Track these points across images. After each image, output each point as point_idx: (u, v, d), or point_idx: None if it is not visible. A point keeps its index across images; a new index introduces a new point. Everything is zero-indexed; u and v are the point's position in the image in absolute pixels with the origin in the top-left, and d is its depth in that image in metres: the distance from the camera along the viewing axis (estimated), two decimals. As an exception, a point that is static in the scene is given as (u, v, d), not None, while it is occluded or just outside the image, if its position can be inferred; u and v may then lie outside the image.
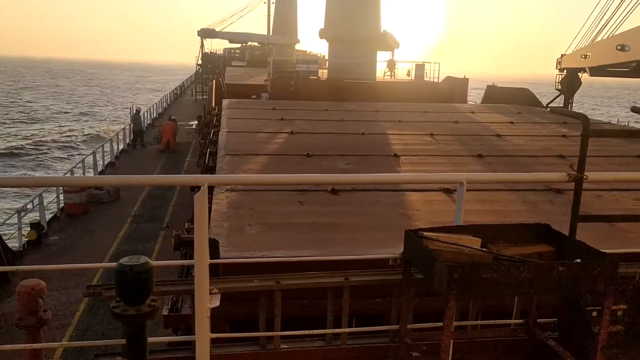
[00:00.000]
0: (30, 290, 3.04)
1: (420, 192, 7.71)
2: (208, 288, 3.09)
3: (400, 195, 7.55)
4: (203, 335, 3.08)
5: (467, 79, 26.01)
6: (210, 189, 8.09)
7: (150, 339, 3.37)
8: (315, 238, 5.79)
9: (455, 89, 25.52)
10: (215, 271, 3.90)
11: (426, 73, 28.30)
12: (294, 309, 3.87)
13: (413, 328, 3.44)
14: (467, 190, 3.42)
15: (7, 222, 16.10)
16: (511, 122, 16.13)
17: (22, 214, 14.86)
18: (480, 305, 3.79)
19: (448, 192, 7.56)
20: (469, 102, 26.35)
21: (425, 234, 3.08)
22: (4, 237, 13.16)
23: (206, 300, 3.08)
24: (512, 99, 22.84)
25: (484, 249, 3.01)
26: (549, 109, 20.54)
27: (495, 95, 24.55)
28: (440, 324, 2.80)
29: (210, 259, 3.11)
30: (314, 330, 3.40)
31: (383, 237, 5.71)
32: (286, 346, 3.51)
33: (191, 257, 5.22)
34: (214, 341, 3.40)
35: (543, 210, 6.78)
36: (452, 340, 3.24)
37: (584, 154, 3.33)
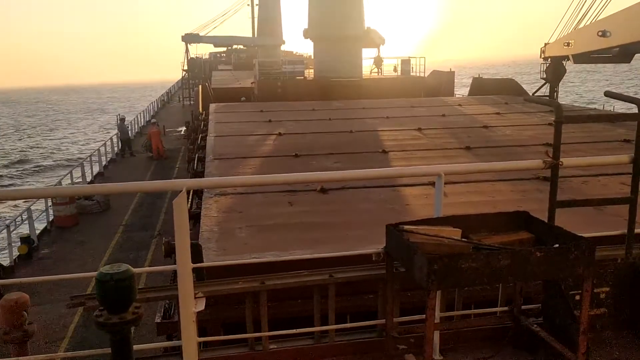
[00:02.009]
0: (13, 304, 3.03)
1: (410, 187, 7.74)
2: (192, 292, 3.09)
3: (389, 191, 7.58)
4: (190, 339, 3.08)
5: (454, 72, 26.11)
6: (200, 193, 8.08)
7: (142, 346, 3.36)
8: (305, 238, 5.80)
9: (442, 82, 25.61)
10: (201, 275, 3.91)
11: (412, 68, 28.37)
12: (281, 309, 3.88)
13: (399, 321, 3.45)
14: (455, 182, 3.44)
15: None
16: (498, 113, 16.22)
17: (12, 228, 14.75)
18: (467, 296, 3.82)
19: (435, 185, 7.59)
20: (456, 95, 26.45)
21: (406, 227, 3.09)
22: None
23: (191, 304, 3.08)
24: (498, 90, 22.96)
25: (464, 239, 3.04)
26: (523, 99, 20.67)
27: (481, 86, 24.67)
28: (424, 316, 2.82)
29: (194, 263, 3.11)
30: (300, 329, 3.41)
31: (370, 234, 5.72)
32: (275, 346, 3.52)
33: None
34: (204, 345, 3.41)
35: (531, 199, 6.82)
36: (438, 332, 3.26)
37: (558, 140, 3.36)
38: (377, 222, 6.37)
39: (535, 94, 24.45)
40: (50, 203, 17.42)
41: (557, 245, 2.90)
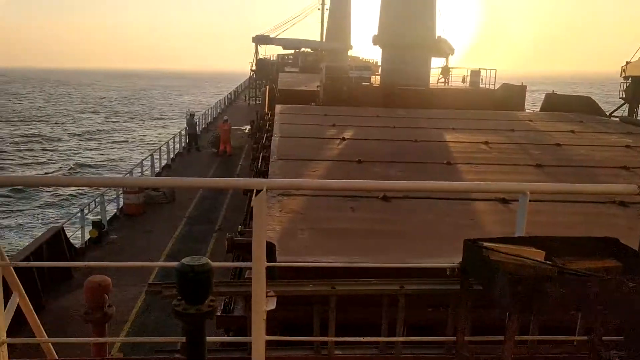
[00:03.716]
0: (97, 286, 3.17)
1: (474, 202, 7.55)
2: (265, 291, 3.13)
3: (453, 204, 7.42)
4: (259, 337, 3.11)
5: (525, 86, 25.29)
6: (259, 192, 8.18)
7: (209, 339, 3.44)
8: (368, 245, 5.77)
9: (513, 96, 24.85)
10: (271, 275, 3.95)
11: (482, 79, 27.71)
12: (347, 316, 3.86)
13: (470, 340, 3.36)
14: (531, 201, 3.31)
15: (70, 220, 16.89)
16: (572, 131, 15.57)
17: (85, 212, 15.54)
18: (541, 320, 3.67)
19: (504, 202, 7.36)
20: (527, 110, 25.61)
21: (485, 244, 3.01)
22: (67, 235, 13.80)
23: (263, 302, 3.11)
24: (572, 107, 22.04)
25: (548, 262, 2.91)
26: (613, 117, 19.65)
27: (555, 103, 23.76)
28: (499, 337, 2.73)
29: (267, 262, 3.14)
30: (368, 338, 3.38)
31: (436, 246, 5.62)
32: (340, 352, 3.51)
33: (244, 260, 5.30)
34: (268, 343, 3.44)
35: (607, 224, 6.50)
36: (512, 356, 3.15)
37: None
38: (441, 235, 6.28)
39: (612, 115, 23.31)
40: (121, 191, 18.23)
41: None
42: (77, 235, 15.20)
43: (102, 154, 49.37)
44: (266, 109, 23.70)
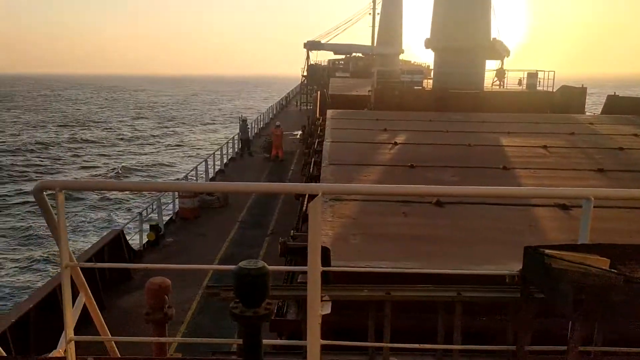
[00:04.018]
0: (157, 287, 3.28)
1: (532, 207, 7.32)
2: (320, 295, 3.14)
3: (509, 210, 7.22)
4: (314, 341, 3.13)
5: (585, 88, 24.33)
6: (312, 197, 8.23)
7: (265, 341, 3.50)
8: (421, 250, 5.70)
9: (573, 99, 23.96)
10: (325, 279, 3.97)
11: (539, 82, 26.87)
12: (403, 322, 3.83)
13: (530, 350, 3.26)
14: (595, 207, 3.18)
15: (129, 224, 17.53)
16: (636, 135, 14.85)
17: (143, 216, 16.11)
18: (607, 330, 3.52)
19: (564, 208, 7.11)
20: (587, 113, 24.66)
21: (547, 251, 2.91)
22: (126, 237, 14.34)
23: (318, 306, 3.13)
24: (636, 109, 21.02)
25: (613, 270, 2.79)
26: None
27: (617, 105, 22.73)
28: (562, 347, 2.64)
29: (322, 267, 3.16)
30: (425, 345, 3.33)
31: (493, 253, 5.49)
32: (395, 358, 3.48)
33: (297, 264, 5.35)
34: (323, 348, 3.45)
35: None
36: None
37: None
38: (497, 242, 6.12)
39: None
40: (177, 195, 18.79)
41: None
42: (135, 238, 15.76)
43: (155, 159, 51.06)
44: (317, 114, 23.85)
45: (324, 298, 3.24)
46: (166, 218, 18.11)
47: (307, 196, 8.26)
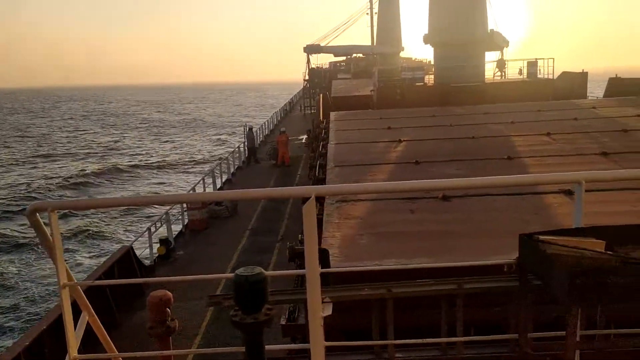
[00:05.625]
0: (158, 301, 3.31)
1: (537, 195, 7.30)
2: (320, 297, 3.16)
3: (516, 200, 7.20)
4: (317, 343, 3.15)
5: (586, 72, 24.19)
6: (322, 200, 8.27)
7: (270, 347, 3.52)
8: (428, 246, 5.70)
9: (574, 84, 23.83)
10: (327, 281, 3.99)
11: (539, 70, 26.75)
12: (406, 318, 3.84)
13: (534, 337, 3.25)
14: (589, 190, 3.18)
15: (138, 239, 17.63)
16: (639, 116, 14.73)
17: (152, 230, 16.18)
18: (610, 314, 3.50)
19: (569, 193, 7.08)
20: (589, 97, 24.50)
21: (542, 237, 2.91)
22: (136, 252, 14.40)
23: (319, 308, 3.15)
24: (639, 91, 20.86)
25: (609, 252, 2.79)
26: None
27: (620, 87, 22.57)
28: (562, 333, 2.64)
29: (321, 268, 3.18)
30: (428, 339, 3.34)
31: (498, 243, 5.47)
32: (401, 355, 3.49)
33: (304, 268, 5.37)
34: (329, 349, 3.47)
35: None
36: (578, 351, 3.03)
37: None
38: (504, 232, 6.09)
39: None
40: (185, 207, 18.88)
41: None
42: (146, 253, 15.84)
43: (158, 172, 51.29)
44: (321, 117, 23.90)
45: (325, 300, 3.26)
46: (176, 231, 18.21)
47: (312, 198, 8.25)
